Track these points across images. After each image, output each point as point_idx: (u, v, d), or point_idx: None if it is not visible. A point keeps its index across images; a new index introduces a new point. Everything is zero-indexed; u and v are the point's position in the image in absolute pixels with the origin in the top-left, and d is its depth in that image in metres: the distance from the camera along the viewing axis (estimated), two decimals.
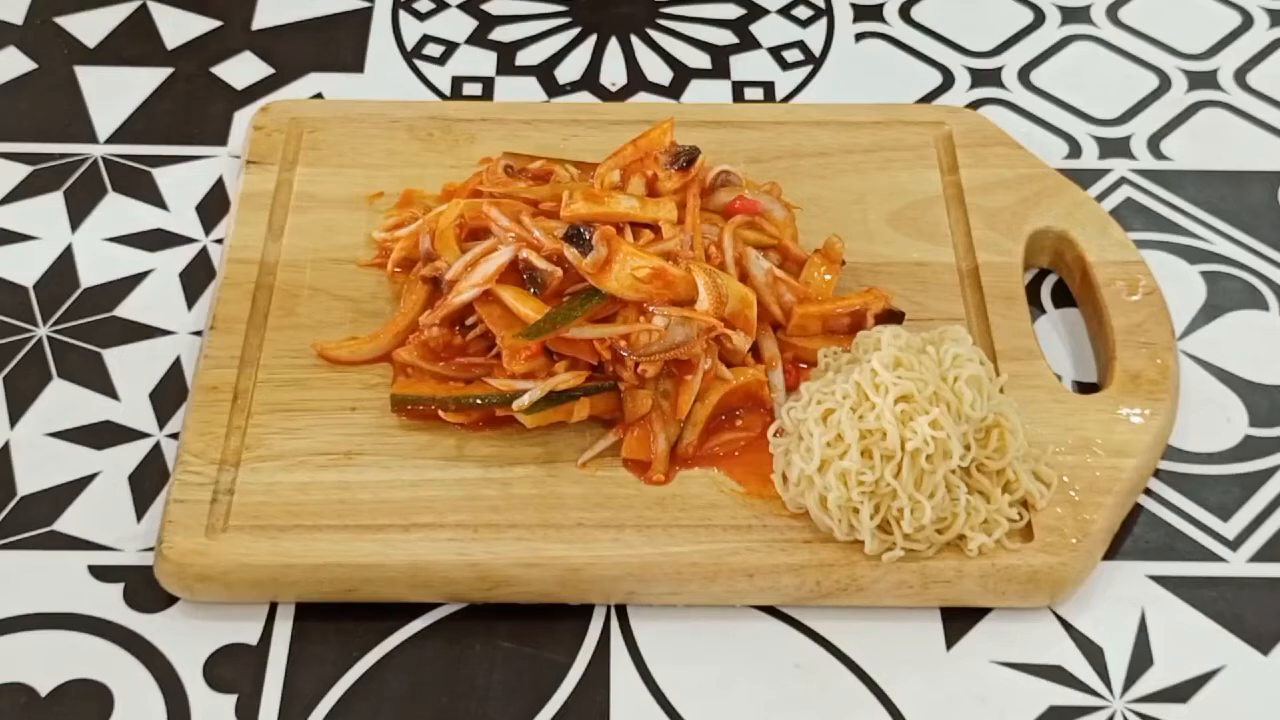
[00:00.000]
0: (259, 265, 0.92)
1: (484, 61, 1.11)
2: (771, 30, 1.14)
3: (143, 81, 1.08)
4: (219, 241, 0.97)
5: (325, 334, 0.89)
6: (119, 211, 0.99)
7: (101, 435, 0.87)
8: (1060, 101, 1.08)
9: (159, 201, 1.00)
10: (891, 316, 0.89)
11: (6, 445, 0.87)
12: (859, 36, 1.13)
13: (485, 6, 1.16)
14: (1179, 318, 0.93)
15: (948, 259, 0.94)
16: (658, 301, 0.83)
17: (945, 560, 0.79)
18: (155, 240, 0.98)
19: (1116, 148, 1.05)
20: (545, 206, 0.90)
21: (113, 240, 0.98)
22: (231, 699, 0.77)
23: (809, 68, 1.11)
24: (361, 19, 1.14)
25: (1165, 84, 1.10)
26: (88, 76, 1.08)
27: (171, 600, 0.80)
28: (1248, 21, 1.15)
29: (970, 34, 1.14)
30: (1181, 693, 0.78)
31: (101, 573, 0.81)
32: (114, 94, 1.07)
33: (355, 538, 0.80)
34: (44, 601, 0.80)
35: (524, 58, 1.11)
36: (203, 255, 0.97)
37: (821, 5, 1.16)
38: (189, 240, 0.98)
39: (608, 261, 0.83)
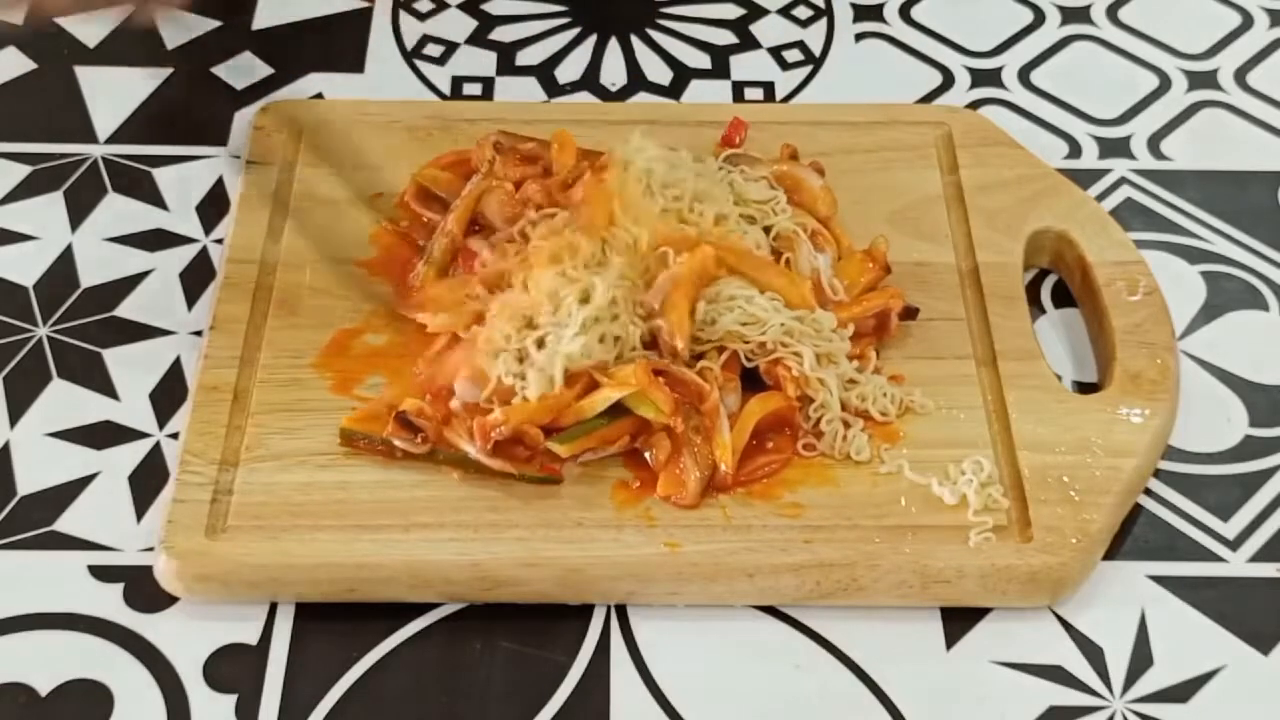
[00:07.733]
0: (259, 265, 0.92)
1: (484, 61, 1.11)
2: (771, 30, 1.14)
3: (143, 81, 1.08)
4: (219, 241, 0.97)
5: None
6: (119, 211, 0.99)
7: (101, 435, 0.87)
8: (1060, 101, 1.08)
9: (159, 201, 1.00)
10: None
11: (6, 445, 0.87)
12: (859, 36, 1.13)
13: (485, 6, 1.15)
14: (1179, 318, 0.93)
15: (948, 259, 0.94)
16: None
17: (945, 560, 0.79)
18: (155, 240, 0.98)
19: (1116, 148, 1.05)
20: (534, 195, 0.91)
21: (113, 240, 0.98)
22: (231, 699, 0.77)
23: (809, 68, 1.11)
24: (361, 19, 1.14)
25: (1165, 84, 1.10)
26: (88, 76, 1.08)
27: (171, 600, 0.80)
28: (1248, 21, 1.15)
29: (970, 34, 1.14)
30: (1181, 693, 0.78)
31: (101, 573, 0.81)
32: (114, 94, 1.07)
33: (355, 537, 0.80)
34: (44, 601, 0.80)
35: (524, 58, 1.11)
36: (203, 255, 0.97)
37: (821, 5, 1.16)
38: (189, 240, 0.98)
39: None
